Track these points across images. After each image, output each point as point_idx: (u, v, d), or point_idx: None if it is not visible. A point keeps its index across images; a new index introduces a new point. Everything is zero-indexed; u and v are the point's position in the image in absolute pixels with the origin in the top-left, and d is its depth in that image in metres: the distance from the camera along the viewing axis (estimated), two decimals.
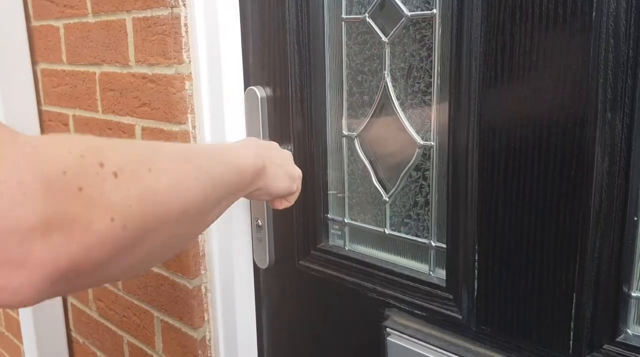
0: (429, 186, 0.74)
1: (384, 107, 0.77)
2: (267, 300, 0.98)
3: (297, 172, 0.76)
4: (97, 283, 0.42)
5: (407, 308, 0.76)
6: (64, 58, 1.15)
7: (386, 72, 0.75)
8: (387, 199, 0.79)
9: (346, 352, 0.86)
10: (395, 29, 0.73)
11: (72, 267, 0.36)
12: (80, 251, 0.36)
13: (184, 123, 0.91)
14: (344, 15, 0.79)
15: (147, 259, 0.45)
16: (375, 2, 0.74)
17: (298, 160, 0.85)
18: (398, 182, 0.77)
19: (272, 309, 0.98)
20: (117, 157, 0.41)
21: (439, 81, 0.69)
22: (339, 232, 0.87)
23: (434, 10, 0.68)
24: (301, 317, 0.92)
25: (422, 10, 0.70)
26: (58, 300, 1.34)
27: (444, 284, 0.73)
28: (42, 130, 1.28)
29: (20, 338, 1.43)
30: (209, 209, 0.54)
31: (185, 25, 0.88)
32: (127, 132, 1.03)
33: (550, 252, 0.61)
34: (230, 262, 0.96)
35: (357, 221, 0.84)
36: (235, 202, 0.93)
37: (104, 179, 0.38)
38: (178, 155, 0.50)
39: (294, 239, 0.89)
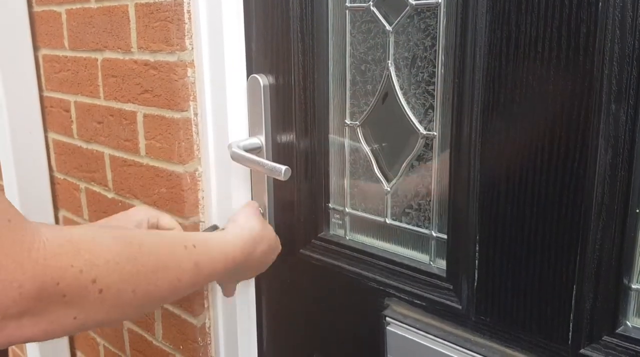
0: (430, 176, 0.74)
1: (387, 96, 0.77)
2: (267, 288, 0.98)
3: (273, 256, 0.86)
4: None
5: (407, 298, 0.76)
6: (66, 44, 1.14)
7: (390, 62, 0.75)
8: (388, 189, 0.79)
9: (346, 341, 0.87)
10: (399, 17, 0.72)
11: (31, 339, 0.47)
12: (39, 334, 0.47)
13: (186, 110, 0.91)
14: (348, 4, 0.78)
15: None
16: None
17: (299, 151, 0.85)
18: (400, 172, 0.77)
19: (271, 297, 0.98)
20: (109, 276, 0.51)
21: (442, 71, 0.69)
22: (340, 222, 0.87)
23: (439, 0, 0.67)
24: (301, 305, 0.93)
25: None
26: None
27: (444, 274, 0.73)
28: (44, 116, 1.27)
29: None
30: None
31: (188, 12, 0.88)
32: (128, 119, 1.03)
33: (552, 243, 0.61)
34: None
35: (358, 211, 0.84)
36: (237, 187, 0.94)
37: (89, 292, 0.49)
38: (173, 279, 0.59)
39: (295, 227, 0.89)
